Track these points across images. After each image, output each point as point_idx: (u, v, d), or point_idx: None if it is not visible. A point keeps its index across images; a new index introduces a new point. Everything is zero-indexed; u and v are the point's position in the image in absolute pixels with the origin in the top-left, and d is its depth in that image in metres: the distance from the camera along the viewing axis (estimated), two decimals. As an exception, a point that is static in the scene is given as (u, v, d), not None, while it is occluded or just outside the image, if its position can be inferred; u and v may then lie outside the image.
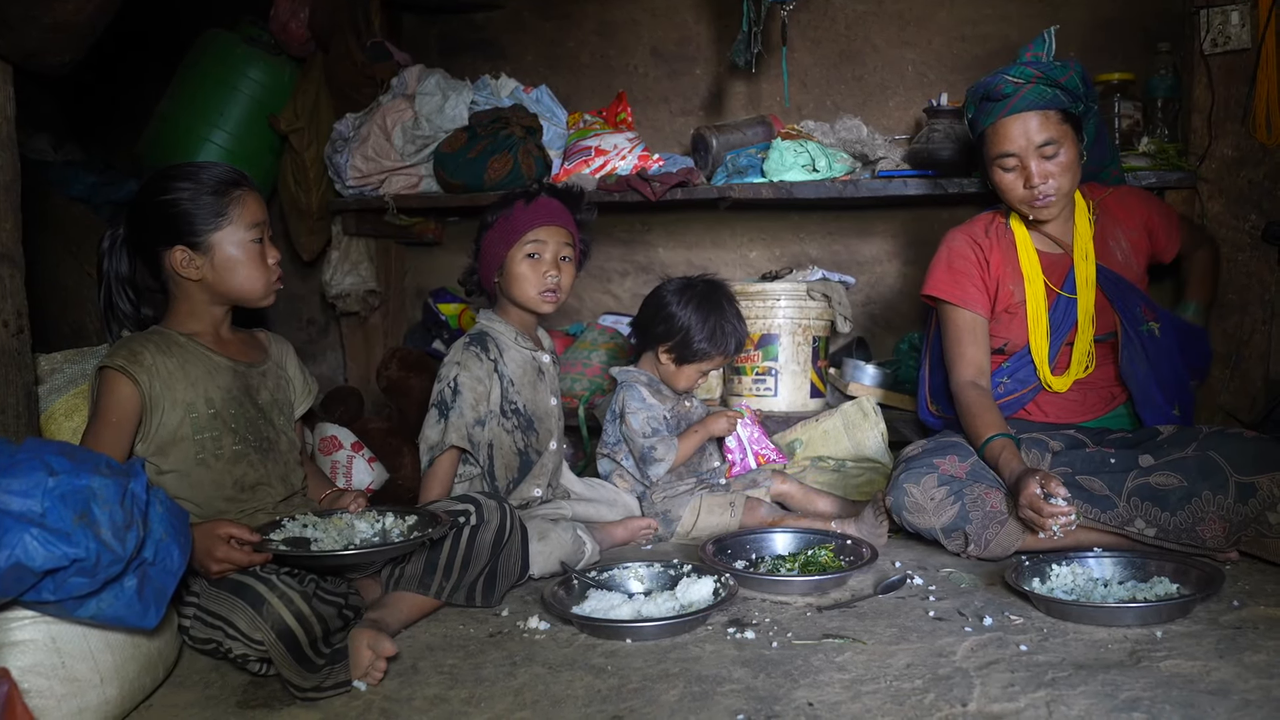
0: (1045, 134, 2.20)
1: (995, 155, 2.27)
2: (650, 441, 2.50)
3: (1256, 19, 2.64)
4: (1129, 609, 1.74)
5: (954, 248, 2.42)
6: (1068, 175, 2.24)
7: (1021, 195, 2.27)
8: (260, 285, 1.94)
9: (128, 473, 1.47)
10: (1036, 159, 2.22)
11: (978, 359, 2.35)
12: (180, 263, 1.88)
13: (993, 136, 2.27)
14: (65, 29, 2.02)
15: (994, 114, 2.25)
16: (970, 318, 2.36)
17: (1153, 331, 2.32)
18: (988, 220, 2.45)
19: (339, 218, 3.52)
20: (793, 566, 2.10)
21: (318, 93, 3.50)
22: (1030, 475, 1.99)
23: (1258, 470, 2.00)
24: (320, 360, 3.98)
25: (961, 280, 2.37)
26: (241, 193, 1.91)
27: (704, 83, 3.59)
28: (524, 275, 2.33)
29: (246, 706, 1.54)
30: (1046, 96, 2.20)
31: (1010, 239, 2.39)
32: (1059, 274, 2.36)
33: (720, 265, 3.55)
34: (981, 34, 3.29)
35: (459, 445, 2.24)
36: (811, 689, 1.51)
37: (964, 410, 2.28)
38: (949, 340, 2.39)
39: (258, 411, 1.96)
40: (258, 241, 1.93)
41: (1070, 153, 2.23)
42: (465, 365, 2.29)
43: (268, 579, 1.63)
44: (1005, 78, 2.23)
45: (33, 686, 1.37)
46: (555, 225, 2.35)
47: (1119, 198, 2.42)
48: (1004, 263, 2.37)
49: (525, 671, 1.62)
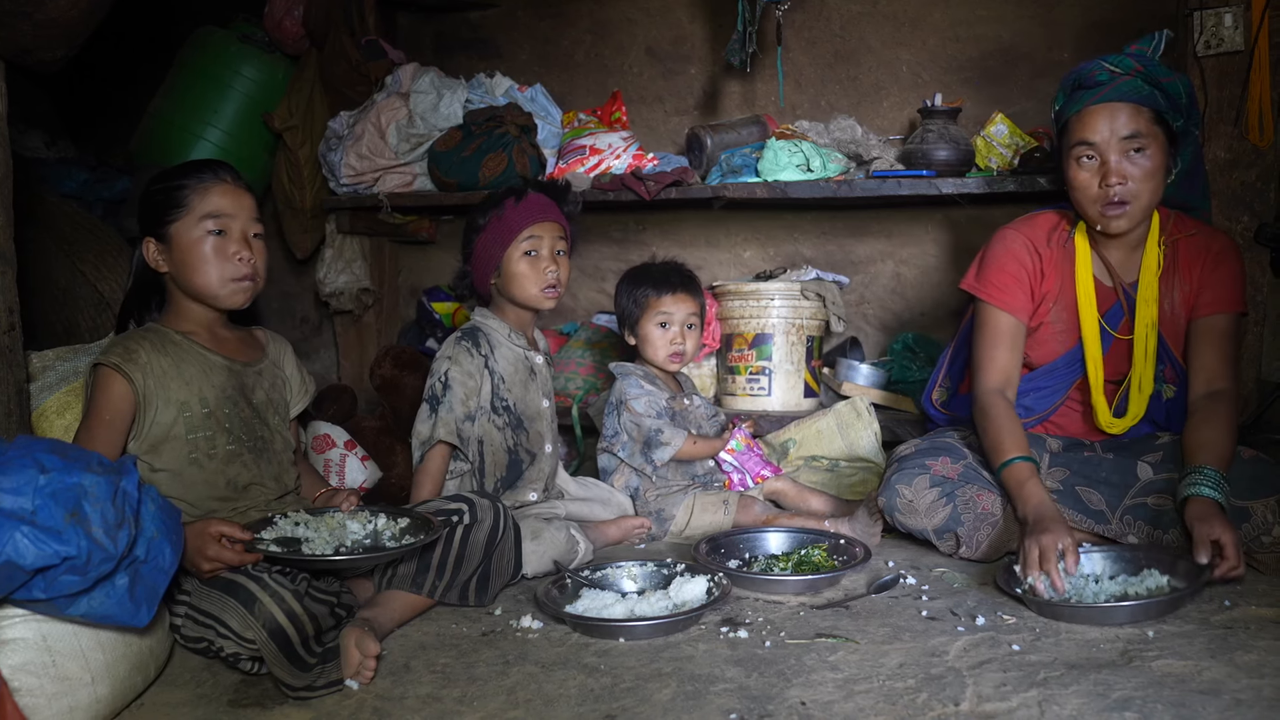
0: (1133, 127, 2.01)
1: (1074, 144, 2.07)
2: (657, 424, 2.51)
3: (1250, 21, 2.64)
4: (1121, 608, 1.74)
5: (1012, 249, 2.22)
6: (1148, 184, 2.04)
7: (1095, 195, 2.06)
8: (214, 280, 1.87)
9: (119, 470, 1.46)
10: (1118, 154, 2.02)
11: (1008, 368, 2.20)
12: (152, 255, 1.88)
13: (1076, 125, 2.07)
14: (58, 25, 2.02)
15: (1082, 101, 2.06)
16: (1011, 323, 2.20)
17: (1161, 394, 2.18)
18: (1052, 224, 2.24)
19: (333, 216, 3.51)
20: (786, 566, 2.10)
21: (312, 90, 3.50)
22: (1062, 529, 1.86)
23: (1252, 495, 1.97)
24: (314, 358, 3.97)
25: (1010, 285, 2.20)
26: (206, 183, 1.87)
27: (699, 82, 3.59)
28: (524, 274, 2.33)
29: (238, 705, 1.54)
30: (1143, 93, 2.02)
31: (1071, 256, 2.19)
32: (1104, 307, 2.19)
33: (715, 265, 3.55)
34: (976, 35, 3.29)
35: (447, 440, 2.23)
36: (804, 688, 1.51)
37: (986, 419, 2.13)
38: (982, 342, 2.22)
39: (252, 411, 1.95)
40: (216, 234, 1.86)
41: (1157, 159, 2.03)
42: (456, 360, 2.29)
43: (260, 578, 1.62)
44: (1102, 64, 2.06)
45: (23, 685, 1.37)
46: (548, 220, 2.36)
47: (1200, 243, 2.16)
48: (1058, 278, 2.20)
49: (518, 670, 1.62)
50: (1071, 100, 2.11)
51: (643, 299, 2.60)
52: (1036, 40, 3.23)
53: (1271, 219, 2.71)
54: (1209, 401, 2.08)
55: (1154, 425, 2.22)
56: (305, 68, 3.51)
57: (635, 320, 2.62)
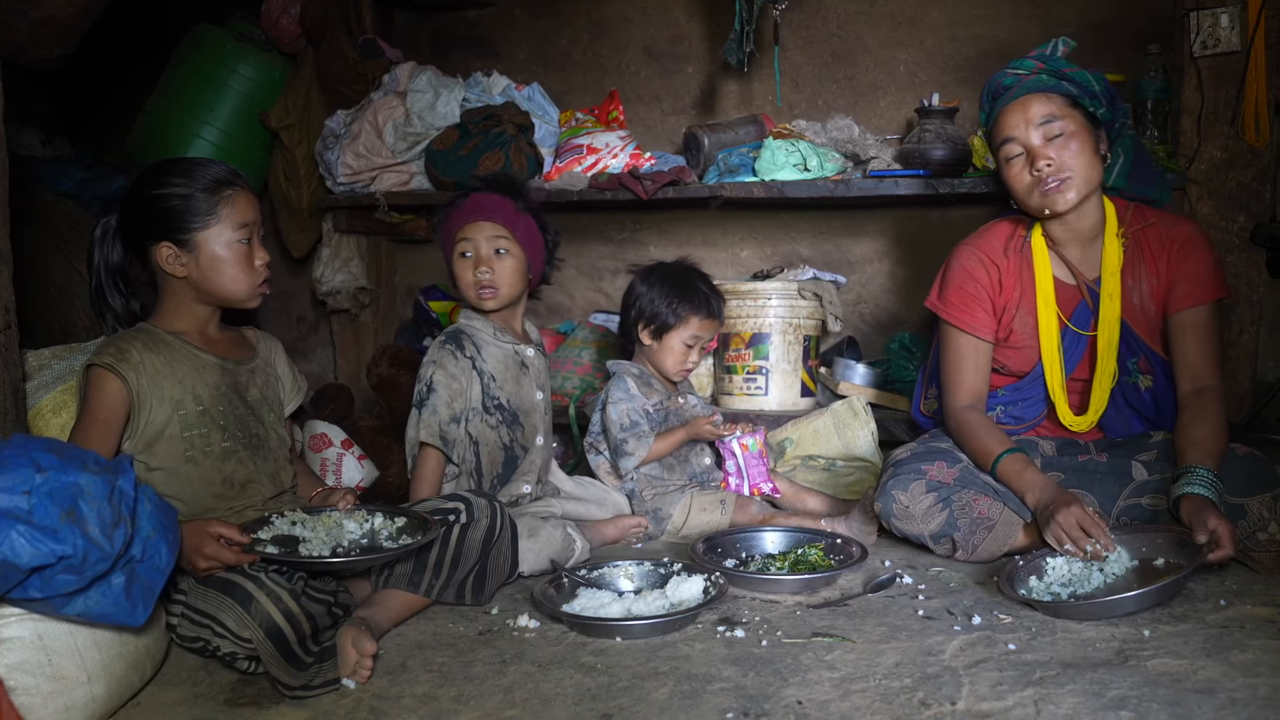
0: (1045, 112, 2.08)
1: (998, 145, 2.15)
2: (624, 435, 2.51)
3: (1246, 21, 2.65)
4: (1129, 598, 1.74)
5: (966, 265, 2.26)
6: (1078, 160, 2.07)
7: (1029, 183, 2.11)
8: (244, 287, 1.91)
9: (116, 469, 1.46)
10: (1039, 138, 2.08)
11: (976, 386, 2.24)
12: (167, 259, 1.87)
13: (997, 129, 2.15)
14: (54, 23, 2.02)
15: (998, 107, 2.16)
16: (973, 344, 2.24)
17: (1138, 385, 2.20)
18: (1007, 233, 2.27)
19: (330, 215, 3.51)
20: (783, 565, 2.10)
21: (309, 89, 3.49)
22: (1077, 500, 1.93)
23: (1248, 492, 1.98)
24: (310, 358, 3.97)
25: (969, 303, 2.24)
26: (233, 192, 1.89)
27: (696, 81, 3.60)
28: (460, 275, 2.33)
29: (235, 704, 1.53)
30: (1048, 84, 2.10)
31: (1029, 259, 2.23)
32: (1069, 306, 2.22)
33: (712, 264, 3.55)
34: (973, 34, 3.30)
35: (428, 442, 2.22)
36: (801, 687, 1.51)
37: (964, 432, 2.19)
38: (948, 363, 2.28)
39: (246, 409, 1.95)
40: (245, 243, 1.90)
41: (1080, 136, 2.07)
42: (440, 364, 2.28)
43: (256, 577, 1.62)
44: (1007, 70, 2.16)
45: (19, 684, 1.37)
46: (482, 220, 2.30)
47: (1162, 233, 2.17)
48: (1017, 285, 2.23)
49: (515, 670, 1.62)
50: (991, 112, 2.19)
51: (682, 312, 2.57)
52: (1033, 40, 3.22)
53: (1267, 219, 2.71)
54: (1196, 398, 2.09)
55: (1143, 420, 2.23)
56: (302, 66, 3.51)
57: (666, 328, 2.58)
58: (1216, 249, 2.24)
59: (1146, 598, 1.75)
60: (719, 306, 2.66)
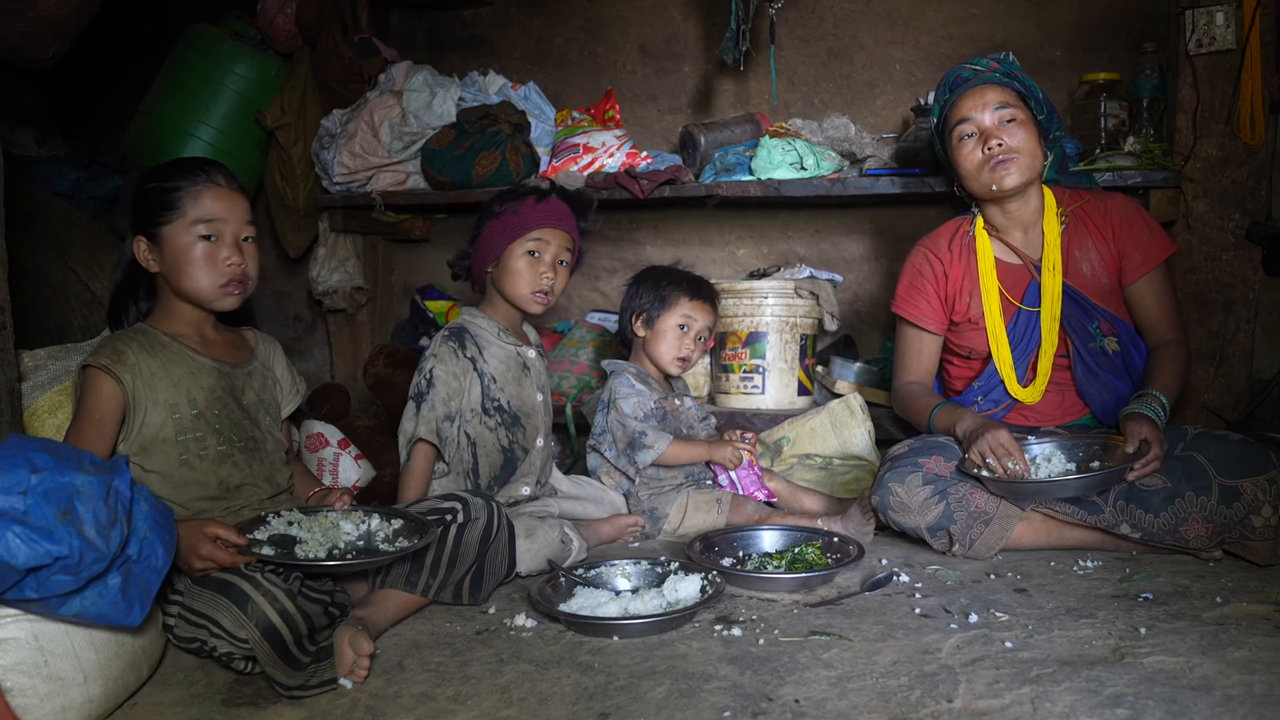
0: (1001, 99, 2.27)
1: (954, 126, 2.31)
2: (643, 426, 2.50)
3: (1241, 19, 2.65)
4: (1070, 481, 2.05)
5: (915, 263, 2.49)
6: (1026, 147, 2.26)
7: (980, 161, 2.28)
8: (205, 285, 1.86)
9: (112, 469, 1.46)
10: (993, 120, 2.26)
11: (920, 370, 2.50)
12: (142, 254, 1.87)
13: (952, 113, 2.32)
14: (48, 23, 2.01)
15: (955, 95, 2.33)
16: (918, 335, 2.49)
17: (1105, 349, 2.31)
18: (953, 229, 2.47)
19: (326, 214, 3.50)
20: (780, 564, 2.10)
21: (304, 89, 3.49)
22: (1000, 426, 2.16)
23: (1242, 474, 2.01)
24: (307, 357, 3.96)
25: (915, 297, 2.47)
26: (200, 186, 1.85)
27: (692, 80, 3.60)
28: (520, 271, 2.32)
29: (232, 704, 1.53)
30: (1003, 80, 2.30)
31: (974, 249, 2.41)
32: (1020, 287, 2.36)
33: (708, 263, 3.55)
34: (969, 33, 3.30)
35: (426, 439, 2.23)
36: (798, 686, 1.52)
37: (904, 402, 2.47)
38: (899, 351, 2.55)
39: (242, 412, 1.94)
40: (207, 239, 1.85)
41: (1029, 128, 2.27)
42: (442, 359, 2.28)
43: (252, 577, 1.62)
44: (965, 66, 2.36)
45: (15, 685, 1.37)
46: (559, 228, 2.36)
47: (1099, 207, 2.36)
48: (965, 275, 2.41)
49: (512, 669, 1.62)
50: (948, 101, 2.36)
51: (670, 296, 2.60)
52: (1029, 39, 3.24)
53: (1263, 217, 2.72)
54: (1160, 350, 2.30)
55: (1119, 379, 2.32)
56: (298, 65, 3.50)
57: (656, 315, 2.60)
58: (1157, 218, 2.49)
59: (1084, 484, 2.03)
60: (710, 291, 2.68)
